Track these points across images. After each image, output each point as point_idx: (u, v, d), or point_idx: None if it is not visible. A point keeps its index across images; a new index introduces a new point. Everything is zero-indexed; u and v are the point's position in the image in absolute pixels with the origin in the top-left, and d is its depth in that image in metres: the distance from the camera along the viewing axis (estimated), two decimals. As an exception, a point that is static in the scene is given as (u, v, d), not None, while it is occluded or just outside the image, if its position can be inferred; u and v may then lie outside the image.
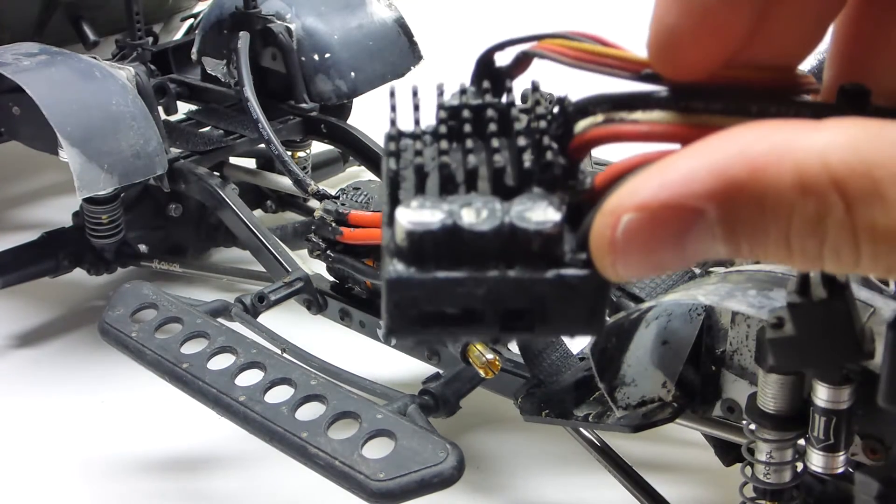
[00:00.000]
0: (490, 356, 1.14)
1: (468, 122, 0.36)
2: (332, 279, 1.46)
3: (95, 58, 1.65)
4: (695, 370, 1.05)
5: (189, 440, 1.49)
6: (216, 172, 1.75)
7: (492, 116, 0.36)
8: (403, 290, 0.31)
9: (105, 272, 1.81)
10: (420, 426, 1.10)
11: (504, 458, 1.44)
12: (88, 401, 1.60)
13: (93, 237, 1.73)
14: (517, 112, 0.36)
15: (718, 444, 1.14)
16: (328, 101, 1.88)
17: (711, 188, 0.29)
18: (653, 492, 1.23)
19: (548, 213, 0.31)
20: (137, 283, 1.36)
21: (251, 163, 2.02)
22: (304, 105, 1.84)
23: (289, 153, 1.68)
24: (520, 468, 1.42)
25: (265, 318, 1.40)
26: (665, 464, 1.40)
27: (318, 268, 1.48)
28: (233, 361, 1.21)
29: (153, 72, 1.90)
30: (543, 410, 1.17)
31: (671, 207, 0.30)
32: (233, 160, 1.92)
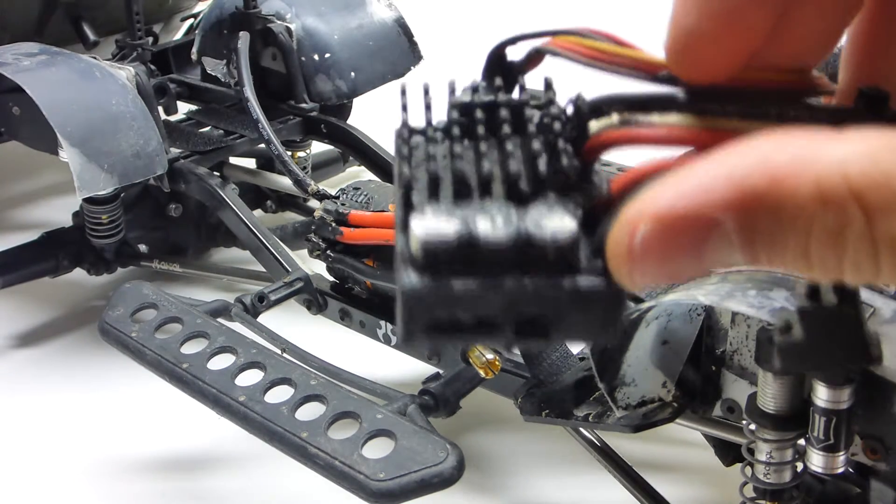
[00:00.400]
0: (490, 356, 1.13)
1: (481, 122, 0.35)
2: (332, 279, 1.46)
3: (95, 58, 1.65)
4: (695, 370, 1.05)
5: (189, 440, 1.48)
6: (216, 172, 1.75)
7: (505, 114, 0.35)
8: (418, 300, 0.31)
9: (105, 272, 1.81)
10: (420, 426, 1.10)
11: (504, 458, 1.44)
12: (88, 401, 1.60)
13: (93, 237, 1.73)
14: (530, 110, 0.36)
15: (718, 444, 1.14)
16: (328, 101, 1.88)
17: (730, 198, 0.29)
18: (653, 492, 1.23)
19: (564, 222, 0.31)
20: (137, 283, 1.36)
21: (251, 163, 2.02)
22: (304, 105, 1.84)
23: (289, 153, 1.68)
24: (520, 468, 1.42)
25: (265, 318, 1.40)
26: (665, 464, 1.40)
27: (318, 268, 1.48)
28: (233, 361, 1.21)
29: (153, 72, 1.90)
30: (543, 410, 1.17)
31: (689, 218, 0.30)
32: (233, 160, 1.92)
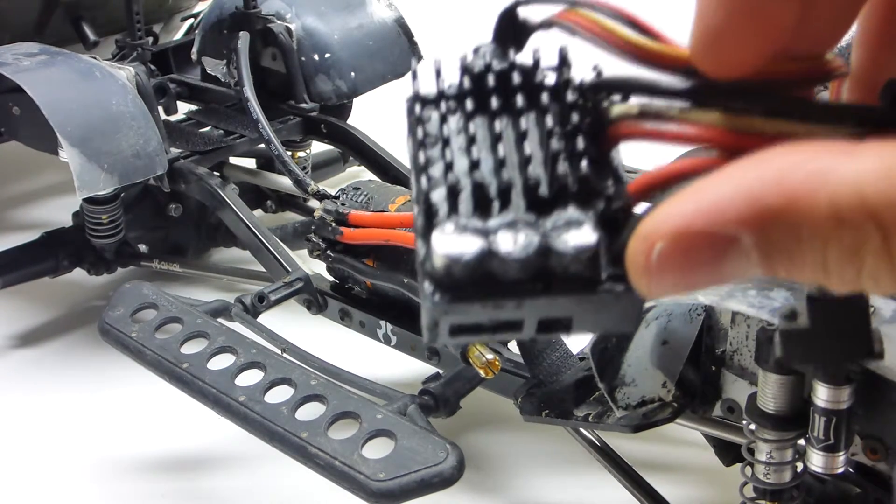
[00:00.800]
0: (490, 356, 1.13)
1: (495, 93, 0.35)
2: (332, 279, 1.46)
3: (95, 58, 1.65)
4: (695, 370, 1.05)
5: (189, 440, 1.48)
6: (216, 172, 1.75)
7: (518, 82, 0.35)
8: (441, 312, 0.32)
9: (105, 272, 1.81)
10: (420, 426, 1.10)
11: (504, 458, 1.44)
12: (88, 401, 1.60)
13: (93, 237, 1.73)
14: (544, 79, 0.35)
15: (718, 444, 1.14)
16: (328, 101, 1.88)
17: (746, 216, 0.29)
18: (653, 492, 1.23)
19: (585, 235, 0.32)
20: (137, 283, 1.36)
21: (251, 163, 2.02)
22: (304, 105, 1.85)
23: (289, 153, 1.68)
24: (520, 468, 1.42)
25: (265, 318, 1.40)
26: (665, 464, 1.40)
27: (318, 268, 1.48)
28: (233, 361, 1.21)
29: (153, 72, 1.90)
30: (543, 410, 1.17)
31: (706, 235, 0.30)
32: (233, 160, 1.92)
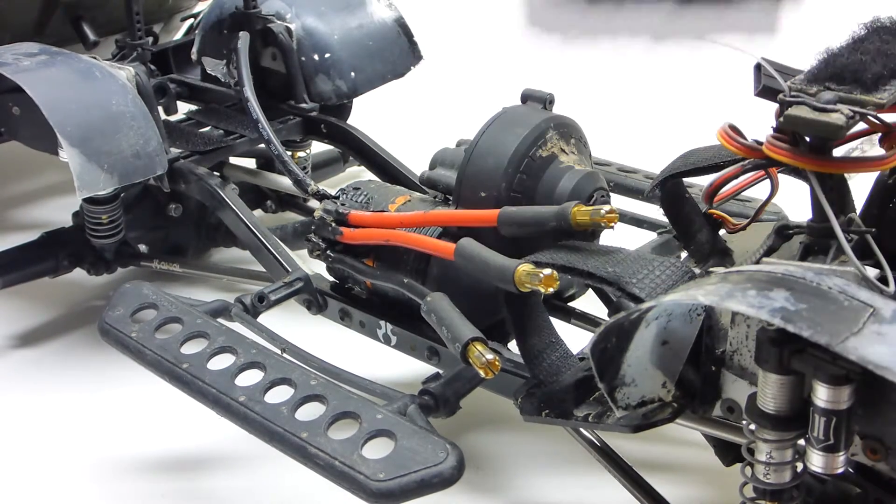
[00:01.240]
0: (490, 356, 1.13)
1: None
2: (332, 279, 1.46)
3: (95, 58, 1.65)
4: (695, 370, 1.05)
5: (189, 440, 1.48)
6: (216, 172, 1.75)
7: None
8: None
9: (105, 272, 1.81)
10: (420, 426, 1.10)
11: (504, 458, 1.44)
12: (88, 401, 1.60)
13: (93, 237, 1.73)
14: None
15: (718, 444, 1.14)
16: (328, 101, 1.88)
17: None
18: (653, 492, 1.23)
19: None
20: (137, 283, 1.36)
21: (251, 163, 2.02)
22: (304, 105, 1.85)
23: (289, 153, 1.68)
24: (520, 468, 1.42)
25: (265, 318, 1.40)
26: (665, 464, 1.40)
27: (318, 268, 1.48)
28: (233, 361, 1.21)
29: (153, 72, 1.90)
30: (543, 410, 1.17)
31: None
32: (233, 160, 1.92)
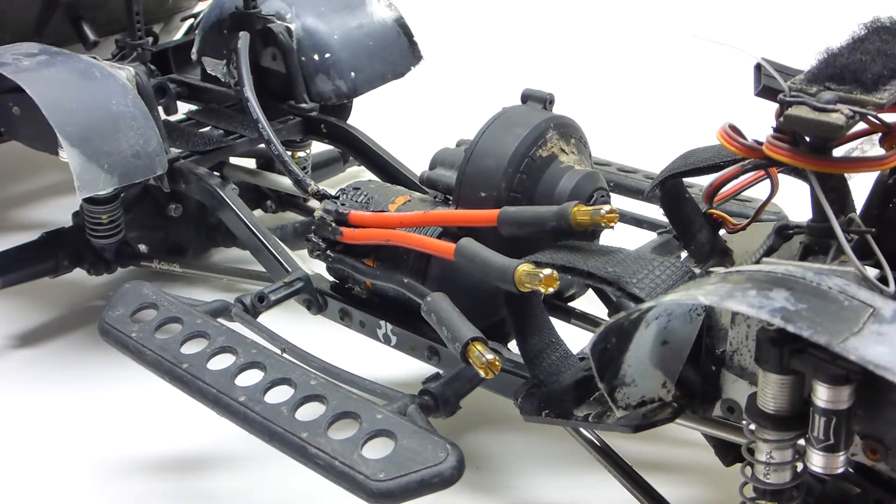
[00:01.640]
0: (490, 356, 1.13)
1: None
2: (332, 279, 1.46)
3: (95, 58, 1.65)
4: (695, 370, 1.05)
5: (189, 440, 1.48)
6: (216, 172, 1.75)
7: None
8: None
9: (105, 272, 1.81)
10: (420, 426, 1.10)
11: (504, 458, 1.44)
12: (88, 401, 1.60)
13: (93, 237, 1.73)
14: None
15: (718, 444, 1.14)
16: (328, 101, 1.88)
17: None
18: (653, 492, 1.23)
19: None
20: (137, 283, 1.36)
21: (251, 163, 2.02)
22: (304, 105, 1.85)
23: (289, 153, 1.68)
24: (520, 468, 1.42)
25: (265, 318, 1.40)
26: (665, 464, 1.40)
27: (319, 268, 1.48)
28: (233, 361, 1.21)
29: (153, 72, 1.90)
30: (543, 410, 1.17)
31: None
32: (233, 160, 1.92)
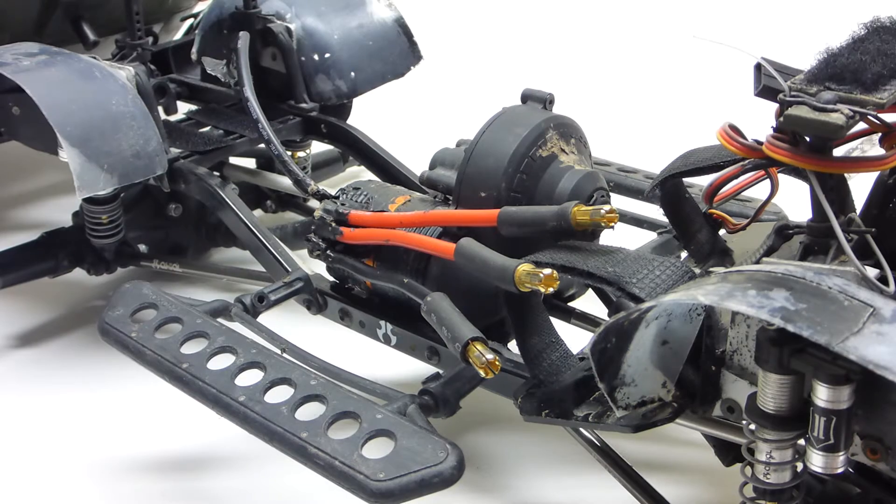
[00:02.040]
0: (490, 356, 1.13)
1: None
2: (332, 279, 1.46)
3: (95, 58, 1.65)
4: (695, 370, 1.05)
5: (189, 440, 1.48)
6: (216, 172, 1.75)
7: None
8: None
9: (105, 272, 1.81)
10: (420, 426, 1.10)
11: (504, 458, 1.44)
12: (88, 401, 1.60)
13: (93, 237, 1.73)
14: None
15: (718, 444, 1.14)
16: (328, 101, 1.88)
17: None
18: (653, 492, 1.23)
19: None
20: (137, 283, 1.36)
21: (251, 163, 2.02)
22: (304, 105, 1.85)
23: (289, 153, 1.68)
24: (520, 468, 1.42)
25: (265, 318, 1.40)
26: (665, 464, 1.40)
27: (319, 268, 1.48)
28: (233, 361, 1.21)
29: (153, 72, 1.90)
30: (543, 410, 1.17)
31: None
32: (233, 160, 1.92)
